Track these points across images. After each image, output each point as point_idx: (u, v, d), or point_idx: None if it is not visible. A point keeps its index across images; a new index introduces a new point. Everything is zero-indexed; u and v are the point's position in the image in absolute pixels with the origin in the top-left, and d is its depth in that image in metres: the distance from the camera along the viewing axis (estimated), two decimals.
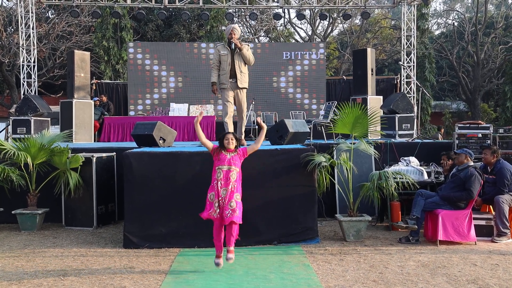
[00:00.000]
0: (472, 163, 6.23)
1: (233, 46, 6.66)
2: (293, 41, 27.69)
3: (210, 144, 4.99)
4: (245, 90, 6.89)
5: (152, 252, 5.67)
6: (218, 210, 4.66)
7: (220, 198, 4.67)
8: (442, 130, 7.40)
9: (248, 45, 6.92)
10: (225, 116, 6.85)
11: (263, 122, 5.42)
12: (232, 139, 4.85)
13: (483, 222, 6.29)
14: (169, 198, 5.92)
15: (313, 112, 14.62)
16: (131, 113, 14.26)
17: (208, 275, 4.78)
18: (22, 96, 13.57)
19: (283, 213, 6.00)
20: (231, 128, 6.87)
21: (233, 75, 6.74)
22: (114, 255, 5.56)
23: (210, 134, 11.93)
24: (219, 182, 4.71)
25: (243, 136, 7.07)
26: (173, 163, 5.99)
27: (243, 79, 6.79)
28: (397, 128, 9.42)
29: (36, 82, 14.94)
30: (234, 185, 4.72)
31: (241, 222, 4.70)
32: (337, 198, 7.55)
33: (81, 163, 6.93)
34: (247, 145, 5.82)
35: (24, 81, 14.64)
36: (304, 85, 14.87)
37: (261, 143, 5.18)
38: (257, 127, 12.43)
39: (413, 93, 15.09)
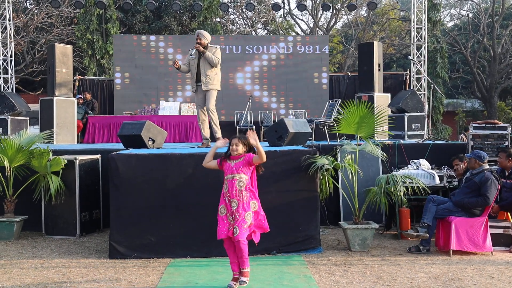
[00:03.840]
0: (487, 166, 6.21)
1: (196, 51, 7.65)
2: (293, 33, 27.74)
3: (214, 162, 4.88)
4: (211, 91, 7.75)
5: (140, 262, 5.68)
6: (233, 223, 4.56)
7: (232, 211, 4.59)
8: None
9: (216, 47, 7.74)
10: (199, 120, 7.97)
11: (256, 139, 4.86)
12: (237, 145, 4.70)
13: (500, 231, 6.30)
14: (159, 204, 5.93)
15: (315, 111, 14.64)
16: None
17: None
18: None
19: (283, 220, 6.00)
20: (206, 130, 7.92)
21: (198, 79, 7.74)
22: (98, 266, 5.56)
23: (199, 133, 11.91)
24: (227, 195, 4.64)
25: (218, 134, 7.69)
26: (163, 166, 6.00)
27: (208, 82, 7.69)
28: (406, 128, 9.44)
29: (14, 78, 14.92)
30: (245, 194, 4.62)
31: (243, 239, 4.51)
32: (341, 204, 7.57)
33: (63, 167, 6.92)
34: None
35: (0, 77, 14.63)
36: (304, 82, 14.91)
37: (264, 156, 4.72)
38: (253, 126, 12.45)
39: (424, 91, 15.14)
